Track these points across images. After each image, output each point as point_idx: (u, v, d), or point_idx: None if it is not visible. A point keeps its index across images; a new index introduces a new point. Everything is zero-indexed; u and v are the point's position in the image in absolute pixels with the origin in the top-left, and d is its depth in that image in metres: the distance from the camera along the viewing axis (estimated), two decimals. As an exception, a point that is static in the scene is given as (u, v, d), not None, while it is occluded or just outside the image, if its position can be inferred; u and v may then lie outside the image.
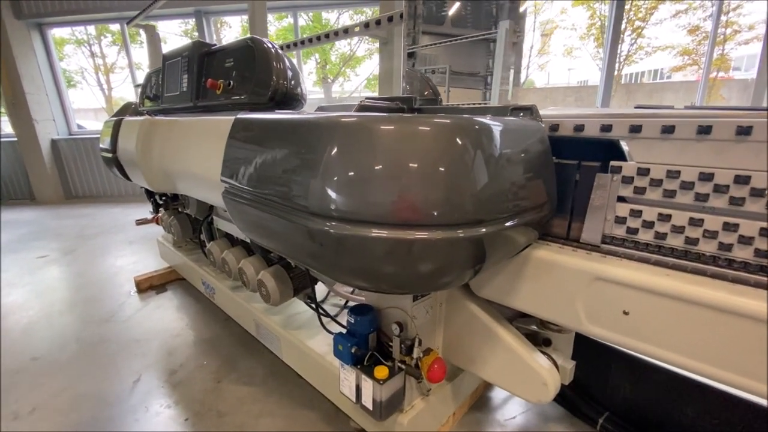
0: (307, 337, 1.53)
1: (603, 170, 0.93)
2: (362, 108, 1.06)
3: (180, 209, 2.10)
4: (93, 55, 10.47)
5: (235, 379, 1.68)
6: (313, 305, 1.49)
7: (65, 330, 2.13)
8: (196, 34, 8.27)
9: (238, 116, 0.98)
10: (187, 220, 2.15)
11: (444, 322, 1.20)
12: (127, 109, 2.33)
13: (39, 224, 4.39)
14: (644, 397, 1.27)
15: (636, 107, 1.25)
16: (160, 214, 2.21)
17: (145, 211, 4.64)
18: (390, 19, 1.40)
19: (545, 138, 0.93)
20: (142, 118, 1.60)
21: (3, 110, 5.29)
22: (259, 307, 1.77)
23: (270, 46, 1.15)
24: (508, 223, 0.80)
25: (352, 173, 0.77)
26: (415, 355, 1.03)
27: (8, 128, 5.41)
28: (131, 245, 3.55)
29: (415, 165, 0.72)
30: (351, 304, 1.77)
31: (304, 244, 0.88)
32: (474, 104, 2.69)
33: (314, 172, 0.80)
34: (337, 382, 1.33)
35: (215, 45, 1.43)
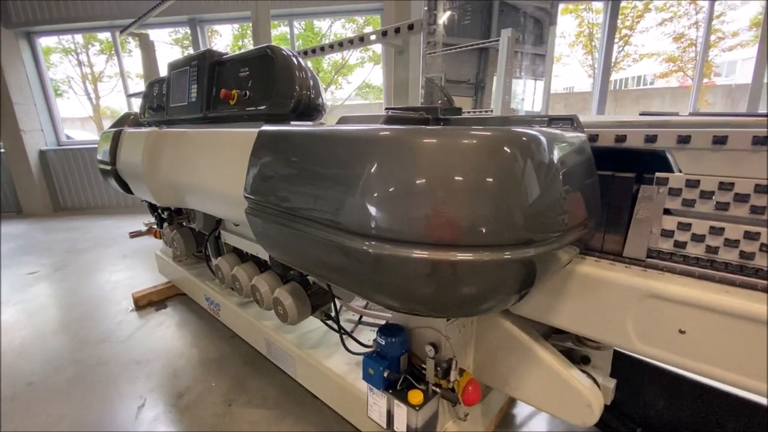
0: (325, 356, 1.46)
1: (638, 181, 0.91)
2: (391, 120, 1.01)
3: (184, 223, 2.02)
4: (80, 63, 10.29)
5: (246, 401, 1.60)
6: (334, 324, 1.43)
7: (61, 351, 2.02)
8: (186, 42, 8.18)
9: (264, 128, 0.93)
10: (191, 234, 2.07)
11: (475, 340, 1.15)
12: (126, 120, 2.25)
13: (27, 238, 4.23)
14: (680, 412, 1.24)
15: (641, 114, 1.23)
16: (162, 228, 2.12)
17: (139, 222, 4.52)
18: (410, 26, 1.36)
19: (589, 149, 0.89)
20: (148, 129, 1.53)
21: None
22: (270, 324, 1.70)
23: (290, 54, 1.10)
24: (558, 243, 0.75)
25: (393, 189, 0.72)
26: (452, 378, 0.98)
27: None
28: (126, 259, 3.43)
29: (461, 181, 0.68)
30: (366, 319, 1.72)
31: (338, 262, 0.83)
32: (511, 115, 2.68)
33: (352, 189, 0.75)
34: (359, 405, 1.27)
35: (226, 54, 1.38)
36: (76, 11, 4.76)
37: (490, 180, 0.68)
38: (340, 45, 1.66)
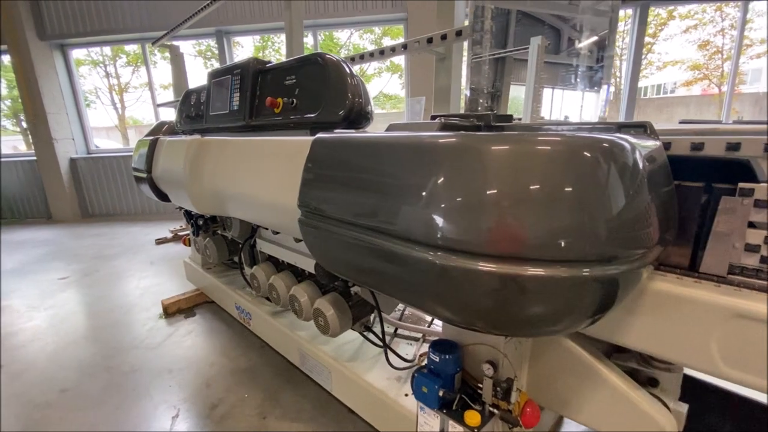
0: (364, 370, 1.42)
1: (707, 191, 0.85)
2: (447, 127, 0.98)
3: (219, 231, 2.02)
4: (108, 75, 10.65)
5: (281, 414, 1.57)
6: (372, 335, 1.39)
7: (93, 358, 2.03)
8: (209, 53, 8.38)
9: (320, 136, 0.90)
10: (224, 242, 2.07)
11: (530, 357, 1.10)
12: (161, 128, 2.28)
13: (57, 244, 4.33)
14: (750, 440, 1.15)
15: (681, 122, 1.17)
16: (198, 236, 2.12)
17: (164, 229, 4.59)
18: (459, 33, 1.34)
19: (665, 158, 0.84)
20: (189, 137, 1.53)
21: (18, 129, 5.31)
22: (304, 335, 1.66)
23: (341, 61, 1.08)
24: (643, 260, 0.70)
25: (461, 198, 0.69)
26: (513, 399, 0.92)
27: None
28: (153, 266, 3.47)
29: (537, 190, 0.64)
30: (401, 332, 1.67)
31: (398, 273, 0.80)
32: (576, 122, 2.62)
33: (419, 197, 0.72)
34: (403, 422, 1.22)
35: (270, 62, 1.38)
36: (108, 24, 4.92)
37: (570, 188, 0.64)
38: (381, 53, 1.65)
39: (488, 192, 0.66)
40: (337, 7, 4.62)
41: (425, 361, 1.16)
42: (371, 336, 1.45)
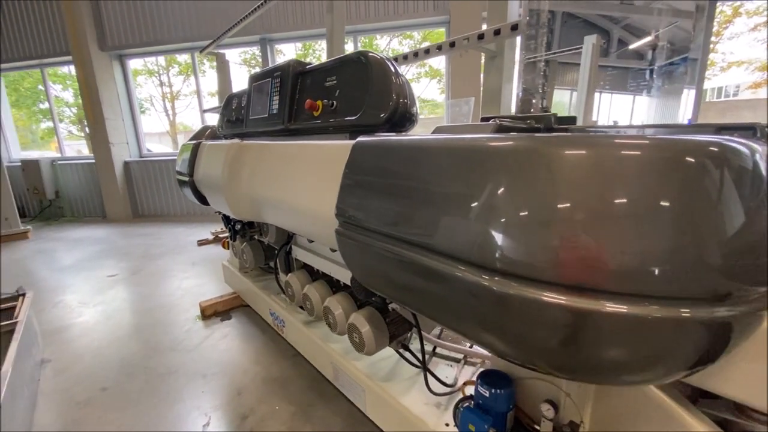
0: (400, 391, 1.32)
1: None
2: (502, 129, 0.87)
3: (255, 236, 2.00)
4: (161, 84, 11.37)
5: (311, 430, 1.49)
6: (410, 355, 1.28)
7: (134, 357, 2.06)
8: (254, 62, 8.66)
9: (360, 139, 0.82)
10: (260, 247, 2.05)
11: (594, 397, 0.95)
12: (204, 133, 2.31)
13: (109, 242, 4.57)
14: None
15: None
16: (235, 240, 2.12)
17: (207, 231, 4.73)
18: (514, 27, 1.23)
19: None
20: (229, 141, 1.51)
21: (82, 134, 5.70)
22: (337, 348, 1.59)
23: (385, 59, 1.00)
24: (763, 299, 0.56)
25: (526, 213, 0.58)
26: (578, 448, 0.79)
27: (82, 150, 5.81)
28: (194, 266, 3.55)
29: (621, 205, 0.52)
30: (441, 350, 1.55)
31: (446, 296, 0.69)
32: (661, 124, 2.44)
33: (472, 211, 0.62)
34: (444, 456, 1.11)
35: (311, 63, 1.33)
36: (161, 35, 5.19)
37: (668, 203, 0.51)
38: (426, 52, 1.56)
39: (559, 206, 0.55)
40: (378, 11, 4.60)
41: (469, 390, 1.05)
42: (408, 355, 1.35)
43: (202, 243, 4.29)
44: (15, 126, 8.62)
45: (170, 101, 11.57)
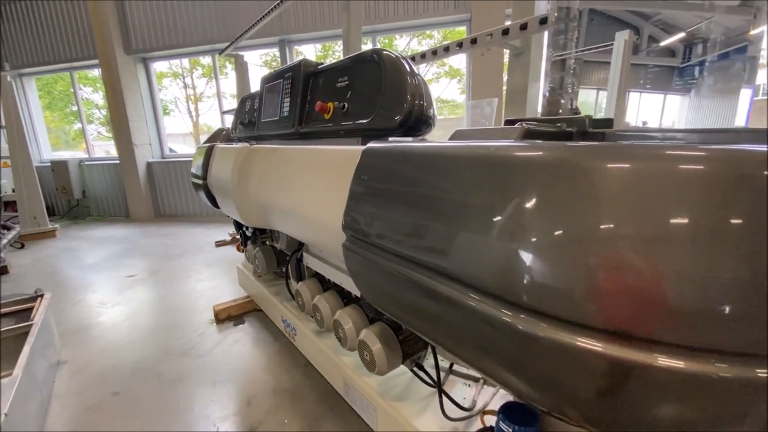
0: (414, 413, 1.23)
1: None
2: (529, 133, 0.78)
3: (267, 242, 1.96)
4: (185, 86, 11.65)
5: (320, 448, 1.43)
6: (424, 376, 1.20)
7: (146, 361, 2.05)
8: (274, 64, 8.73)
9: (371, 145, 0.75)
10: (272, 253, 2.00)
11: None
12: (219, 135, 2.28)
13: (131, 242, 4.66)
14: None
15: None
16: (246, 247, 2.08)
17: (224, 232, 4.75)
18: (543, 20, 1.13)
19: None
20: (239, 145, 1.46)
21: (110, 135, 5.84)
22: (349, 362, 1.51)
23: (400, 57, 0.92)
24: None
25: (561, 240, 0.49)
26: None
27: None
28: (210, 268, 3.56)
29: (678, 230, 0.42)
30: (458, 368, 1.46)
31: (462, 328, 0.61)
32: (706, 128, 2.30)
33: (497, 233, 0.53)
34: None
35: (323, 63, 1.26)
36: (183, 38, 5.26)
37: (743, 231, 0.41)
38: (446, 50, 1.47)
39: (603, 232, 0.46)
40: (397, 10, 4.52)
41: (489, 420, 0.95)
42: (423, 373, 1.26)
43: (219, 244, 4.31)
44: (48, 127, 8.99)
45: (194, 103, 11.83)
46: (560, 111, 1.43)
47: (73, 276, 3.49)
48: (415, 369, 1.25)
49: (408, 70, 0.90)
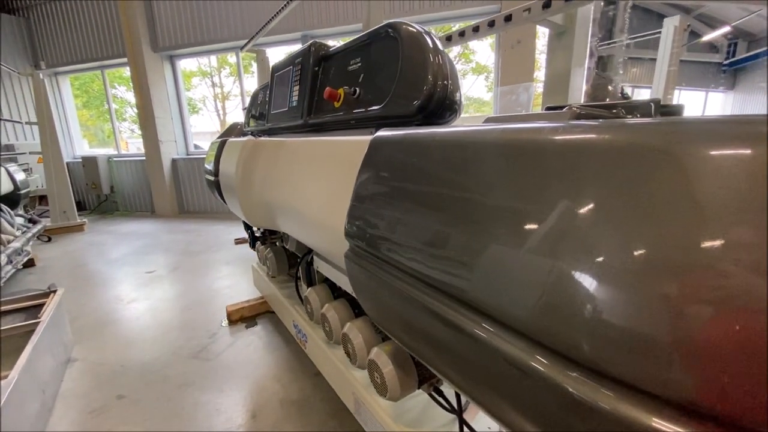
0: (430, 443, 1.08)
1: None
2: (584, 117, 0.61)
3: (278, 243, 1.85)
4: (213, 84, 11.90)
5: (327, 472, 1.30)
6: (446, 404, 1.04)
7: (155, 363, 1.98)
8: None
9: (379, 135, 0.60)
10: (284, 254, 1.89)
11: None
12: (233, 130, 2.20)
13: (154, 237, 4.70)
14: None
15: None
16: (254, 248, 1.98)
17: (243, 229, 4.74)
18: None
19: None
20: (245, 138, 1.35)
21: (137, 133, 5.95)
22: (360, 378, 1.37)
23: (421, 31, 0.77)
24: None
25: (643, 266, 0.33)
26: None
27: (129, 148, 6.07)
28: (228, 265, 3.52)
29: None
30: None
31: (487, 373, 0.46)
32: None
33: (543, 248, 0.38)
34: None
35: (336, 46, 1.12)
36: (209, 35, 5.28)
37: None
38: (476, 30, 1.29)
39: (701, 253, 0.30)
40: (422, 4, 4.35)
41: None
42: (442, 398, 1.11)
43: (238, 242, 4.26)
44: (86, 125, 9.34)
45: (221, 101, 12.07)
46: (608, 99, 1.24)
47: (96, 270, 3.52)
48: (432, 393, 1.10)
49: (430, 45, 0.75)
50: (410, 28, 0.78)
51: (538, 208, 0.40)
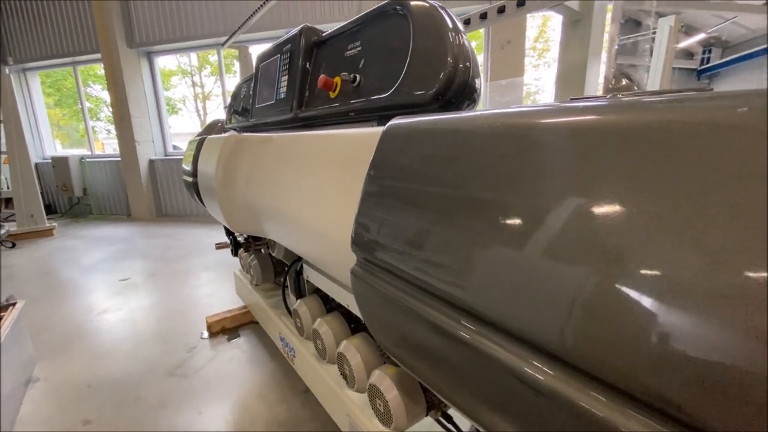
0: (438, 476, 0.96)
1: None
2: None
3: (262, 250, 1.71)
4: (194, 84, 11.57)
5: (320, 506, 1.17)
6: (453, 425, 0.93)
7: (127, 381, 1.81)
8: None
9: (394, 122, 0.48)
10: (269, 262, 1.75)
11: None
12: (214, 128, 2.04)
13: (130, 242, 4.46)
14: None
15: None
16: (236, 255, 1.83)
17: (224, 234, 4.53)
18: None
19: None
20: (226, 135, 1.21)
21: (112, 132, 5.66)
22: (355, 398, 1.25)
23: (437, 6, 0.66)
24: None
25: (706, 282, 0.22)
26: None
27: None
28: (208, 271, 3.33)
29: None
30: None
31: (518, 411, 0.35)
32: None
33: (620, 265, 0.27)
34: None
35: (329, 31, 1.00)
36: (188, 30, 5.07)
37: None
38: (483, 17, 1.19)
39: None
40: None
41: None
42: (452, 425, 0.99)
43: (220, 246, 4.06)
44: (57, 125, 8.90)
45: (202, 101, 11.73)
46: (621, 94, 1.16)
47: (65, 278, 3.28)
48: (441, 418, 0.98)
49: (448, 22, 0.64)
50: (424, 4, 0.67)
51: (584, 215, 0.29)
